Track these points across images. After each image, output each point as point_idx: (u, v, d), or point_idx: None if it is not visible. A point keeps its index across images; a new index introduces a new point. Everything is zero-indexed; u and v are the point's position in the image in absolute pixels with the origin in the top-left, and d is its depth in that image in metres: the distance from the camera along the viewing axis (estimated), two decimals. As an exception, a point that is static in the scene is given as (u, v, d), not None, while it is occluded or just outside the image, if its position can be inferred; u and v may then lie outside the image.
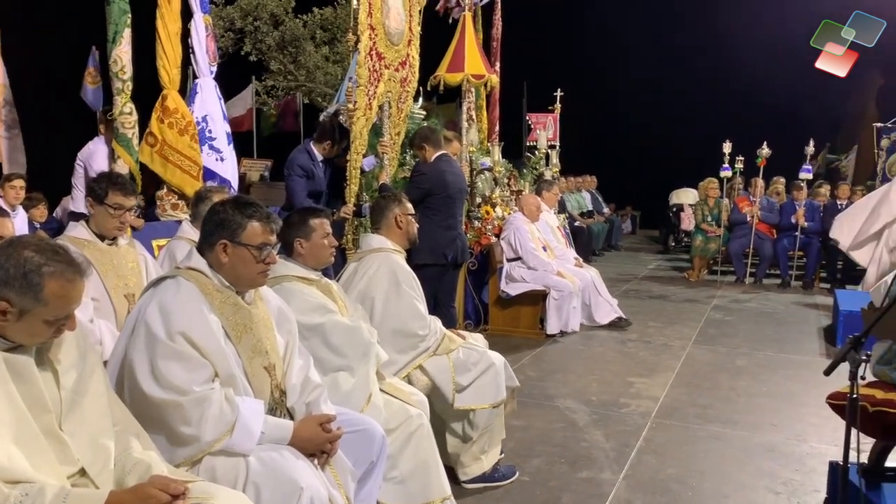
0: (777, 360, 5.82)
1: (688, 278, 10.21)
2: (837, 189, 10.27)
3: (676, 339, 6.53)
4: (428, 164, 5.10)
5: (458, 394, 3.36)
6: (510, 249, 6.60)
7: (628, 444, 3.99)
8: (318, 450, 2.32)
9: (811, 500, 3.35)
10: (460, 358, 3.43)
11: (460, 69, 6.19)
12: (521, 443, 3.98)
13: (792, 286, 9.64)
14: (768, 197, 10.35)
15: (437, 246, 5.00)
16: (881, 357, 3.14)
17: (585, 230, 11.50)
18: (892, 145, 10.87)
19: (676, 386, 5.10)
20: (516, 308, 6.50)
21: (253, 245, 2.31)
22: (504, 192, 7.47)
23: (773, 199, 10.39)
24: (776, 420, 4.41)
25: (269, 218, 2.38)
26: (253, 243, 2.31)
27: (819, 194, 10.25)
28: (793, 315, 7.80)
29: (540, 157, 9.05)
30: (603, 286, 7.15)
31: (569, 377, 5.31)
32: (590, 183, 14.12)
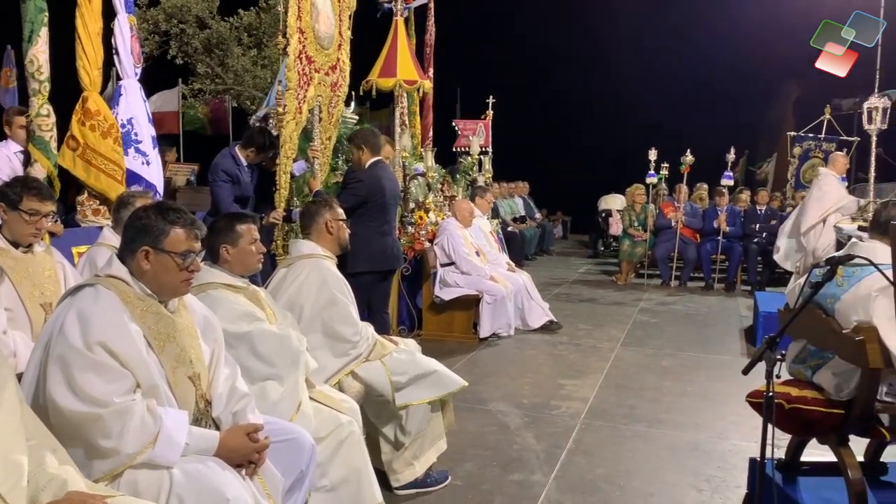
0: (700, 361, 6.02)
1: (616, 282, 10.45)
2: (757, 195, 10.70)
3: (605, 341, 6.67)
4: (364, 171, 5.07)
5: (398, 392, 3.35)
6: (443, 255, 6.63)
7: (559, 446, 4.06)
8: (245, 460, 2.27)
9: (733, 496, 3.47)
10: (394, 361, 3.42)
11: (392, 74, 6.19)
12: (453, 447, 3.98)
13: (715, 288, 9.99)
14: (692, 203, 10.72)
15: (373, 253, 4.97)
16: (796, 356, 3.27)
17: (518, 235, 11.65)
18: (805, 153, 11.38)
19: (605, 387, 5.21)
20: (450, 313, 6.53)
21: (176, 252, 2.25)
22: (437, 197, 7.50)
23: (697, 204, 10.76)
24: (699, 419, 4.55)
25: (193, 224, 2.32)
26: (176, 250, 2.25)
27: (740, 200, 10.67)
28: (715, 316, 8.08)
29: (473, 162, 9.13)
30: (535, 290, 7.25)
31: (501, 380, 5.36)
32: (522, 189, 14.31)
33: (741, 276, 10.16)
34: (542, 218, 15.13)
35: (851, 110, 11.22)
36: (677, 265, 10.37)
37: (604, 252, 14.22)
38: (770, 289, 9.02)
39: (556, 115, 18.68)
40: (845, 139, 10.95)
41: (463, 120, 11.33)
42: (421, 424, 3.46)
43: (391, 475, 3.44)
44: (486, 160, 9.45)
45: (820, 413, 2.98)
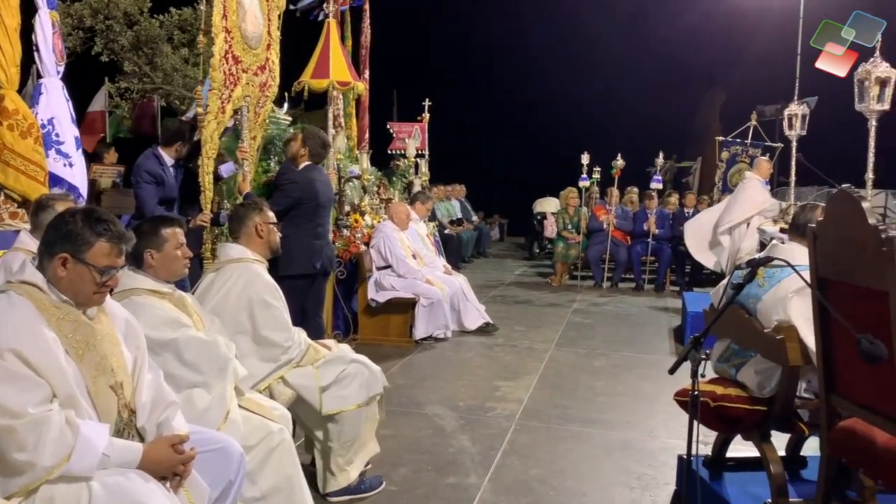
0: (631, 360, 6.15)
1: (551, 283, 10.60)
2: (685, 198, 11.03)
3: (540, 342, 6.75)
4: (297, 172, 4.99)
5: (325, 398, 3.31)
6: (380, 258, 6.60)
7: (494, 448, 4.08)
8: (170, 472, 2.20)
9: (662, 493, 3.55)
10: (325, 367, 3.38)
11: (325, 75, 6.11)
12: (388, 452, 3.96)
13: (645, 289, 10.23)
14: (623, 206, 10.95)
15: (305, 256, 4.90)
16: (721, 355, 3.37)
17: (455, 238, 11.69)
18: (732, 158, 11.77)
19: (540, 388, 5.27)
20: (386, 316, 6.50)
21: (96, 266, 2.16)
22: (373, 200, 7.46)
23: (628, 207, 11.01)
24: (631, 418, 4.64)
25: (121, 238, 2.23)
26: (97, 264, 2.16)
27: (669, 203, 10.97)
28: (646, 317, 8.28)
29: (409, 165, 9.11)
30: (471, 292, 7.28)
31: (437, 383, 5.36)
32: (459, 192, 14.38)
33: (670, 276, 10.44)
34: (479, 220, 15.23)
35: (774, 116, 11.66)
36: (609, 267, 10.59)
37: (539, 254, 14.40)
38: (698, 289, 9.29)
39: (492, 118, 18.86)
40: (770, 145, 11.37)
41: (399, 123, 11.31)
42: (354, 429, 3.42)
43: (324, 482, 3.39)
44: (423, 163, 9.45)
45: (743, 410, 3.08)
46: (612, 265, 10.61)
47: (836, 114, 8.62)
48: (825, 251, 2.49)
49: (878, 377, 2.22)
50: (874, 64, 5.49)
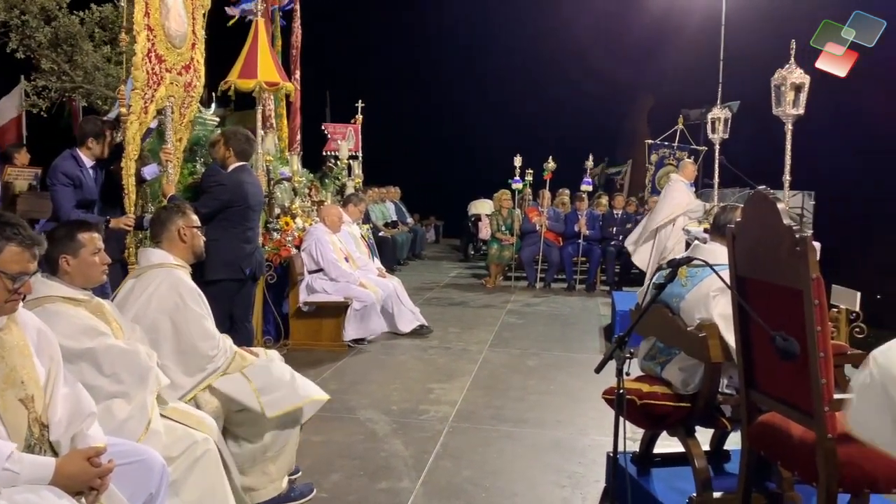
0: (563, 359, 6.23)
1: (485, 285, 10.67)
2: (614, 200, 11.27)
3: (474, 343, 6.78)
4: (226, 175, 4.88)
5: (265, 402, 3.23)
6: (311, 261, 6.50)
7: (426, 451, 4.06)
8: (85, 487, 2.11)
9: (592, 490, 3.60)
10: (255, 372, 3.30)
11: (253, 76, 5.99)
12: (319, 458, 3.91)
13: (576, 289, 10.40)
14: (555, 207, 11.12)
15: (234, 260, 4.79)
16: (646, 353, 3.44)
17: (390, 240, 11.63)
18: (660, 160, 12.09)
19: (473, 389, 5.28)
20: (318, 321, 6.41)
21: (6, 273, 2.06)
22: (305, 202, 7.35)
23: (559, 209, 11.18)
24: (562, 416, 4.70)
25: (32, 242, 2.12)
26: (7, 270, 2.06)
27: (599, 204, 11.19)
28: (577, 316, 8.41)
29: (342, 167, 9.02)
30: (405, 295, 7.25)
31: (371, 388, 5.31)
32: (394, 194, 14.32)
33: (600, 276, 10.64)
34: (414, 223, 15.21)
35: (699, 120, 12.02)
36: (542, 268, 10.72)
37: (474, 256, 14.48)
38: (627, 288, 9.50)
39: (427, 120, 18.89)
40: (695, 148, 11.72)
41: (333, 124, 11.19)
42: (285, 436, 3.35)
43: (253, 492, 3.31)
44: (356, 165, 9.37)
45: (669, 407, 3.15)
46: (544, 266, 10.75)
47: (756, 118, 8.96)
48: (743, 251, 2.57)
49: (793, 373, 2.30)
50: (789, 70, 5.71)
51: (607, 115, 18.46)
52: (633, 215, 10.99)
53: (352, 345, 6.41)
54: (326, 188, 8.06)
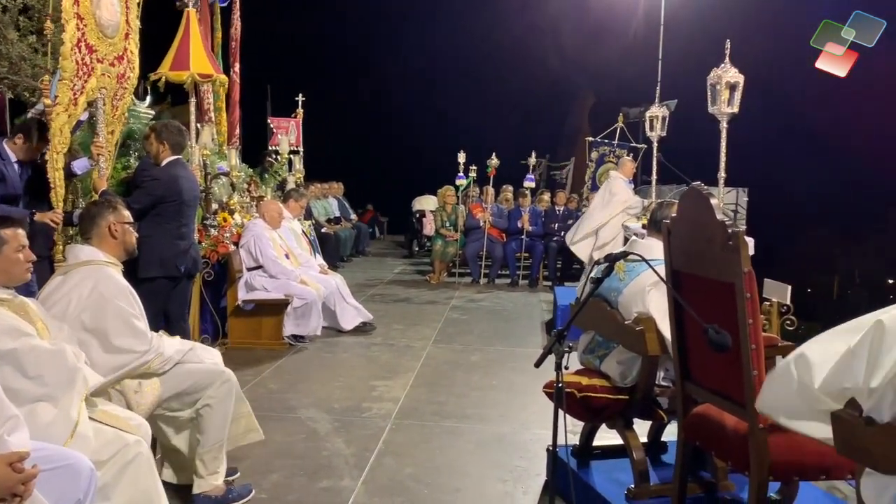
0: (506, 354, 6.27)
1: (429, 281, 10.66)
2: (556, 196, 11.40)
3: (418, 339, 6.75)
4: (160, 169, 4.73)
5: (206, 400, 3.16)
6: (250, 258, 6.37)
7: (368, 449, 4.02)
8: (8, 493, 2.02)
9: (534, 484, 3.62)
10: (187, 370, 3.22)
11: (185, 67, 5.82)
12: (258, 459, 3.83)
13: (520, 285, 10.49)
14: (498, 204, 11.18)
15: (167, 257, 4.66)
16: (586, 347, 3.48)
17: (332, 236, 11.51)
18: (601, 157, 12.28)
19: (416, 386, 5.26)
20: (257, 319, 6.28)
21: None
22: (244, 198, 7.20)
23: (503, 205, 11.24)
24: (504, 411, 4.72)
25: None
26: None
27: (541, 201, 11.30)
28: (520, 311, 8.48)
29: (283, 162, 8.87)
30: (348, 292, 7.17)
31: (312, 386, 5.24)
32: (337, 189, 14.17)
33: (543, 272, 10.75)
34: (358, 219, 15.09)
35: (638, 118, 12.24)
36: (486, 264, 10.78)
37: (419, 252, 14.45)
38: (569, 283, 9.62)
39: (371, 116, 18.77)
40: (634, 145, 11.93)
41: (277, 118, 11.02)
42: (219, 433, 3.27)
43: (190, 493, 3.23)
44: (297, 160, 9.23)
45: (607, 400, 3.19)
46: (488, 262, 10.80)
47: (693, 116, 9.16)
48: (678, 246, 2.62)
49: (726, 364, 2.35)
50: (724, 69, 5.85)
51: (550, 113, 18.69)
52: (574, 211, 11.13)
53: (292, 343, 6.31)
54: (266, 183, 7.93)
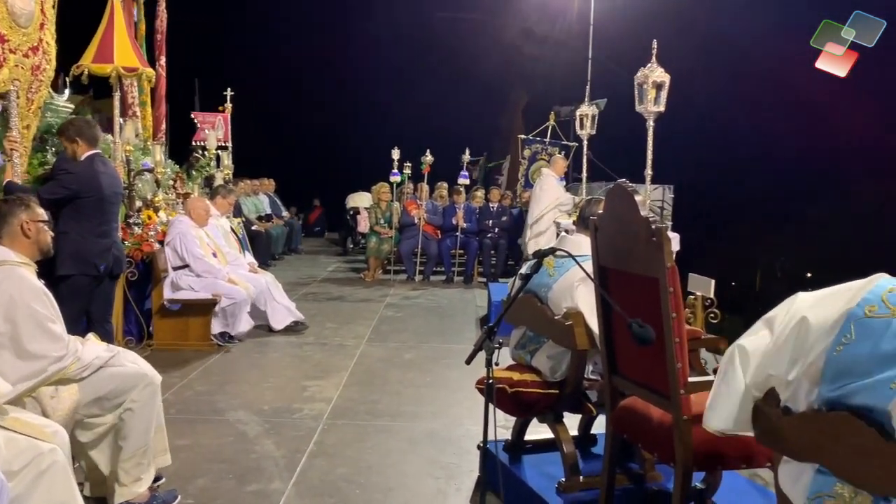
0: (440, 351, 6.27)
1: (364, 279, 10.57)
2: (490, 193, 11.47)
3: (351, 338, 6.69)
4: (77, 163, 4.53)
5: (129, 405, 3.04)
6: (176, 256, 6.18)
7: (299, 450, 3.96)
8: None
9: (467, 480, 3.62)
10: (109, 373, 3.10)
11: (109, 60, 5.60)
12: (185, 463, 3.71)
13: (455, 281, 10.52)
14: (433, 201, 11.18)
15: (86, 255, 4.48)
16: (517, 342, 3.51)
17: (263, 234, 11.29)
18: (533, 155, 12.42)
19: (349, 385, 5.20)
20: (184, 319, 6.10)
21: None
22: (169, 195, 6.99)
23: (438, 202, 11.25)
24: (438, 408, 4.72)
25: None
26: None
27: (476, 198, 11.34)
28: (454, 308, 8.50)
29: (210, 158, 8.65)
30: (279, 291, 7.04)
31: (241, 388, 5.12)
32: (268, 186, 13.90)
33: (478, 268, 10.81)
34: (290, 216, 14.85)
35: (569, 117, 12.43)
36: (421, 261, 10.76)
37: (353, 249, 14.32)
38: (503, 279, 9.69)
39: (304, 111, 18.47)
40: (566, 143, 12.11)
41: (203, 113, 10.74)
42: (142, 438, 3.16)
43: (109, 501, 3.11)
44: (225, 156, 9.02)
45: (538, 394, 3.22)
46: (423, 259, 10.79)
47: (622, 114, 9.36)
48: (605, 242, 2.65)
49: (651, 358, 2.39)
50: (651, 69, 5.99)
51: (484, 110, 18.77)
52: (507, 208, 11.23)
53: (221, 343, 6.16)
54: (193, 180, 7.70)
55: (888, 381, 1.52)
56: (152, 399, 3.22)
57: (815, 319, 1.71)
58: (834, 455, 1.64)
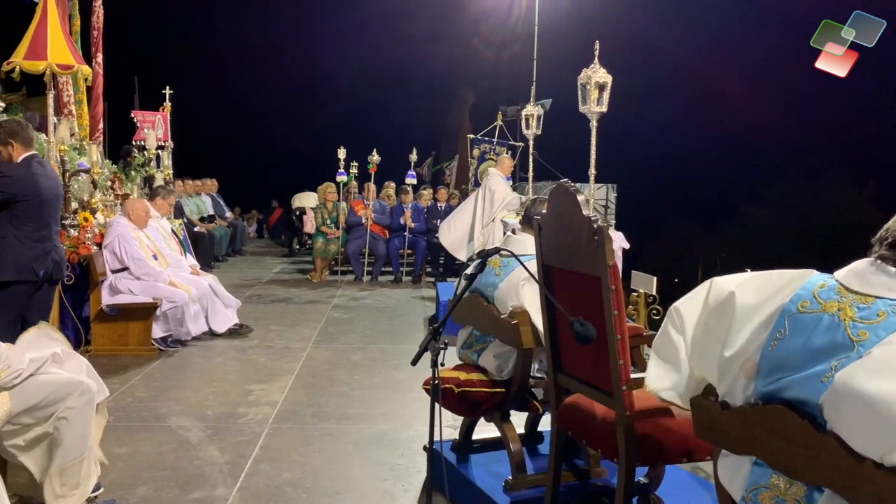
0: (389, 352, 6.23)
1: (311, 280, 10.46)
2: (438, 193, 11.48)
3: (297, 340, 6.60)
4: (14, 166, 4.36)
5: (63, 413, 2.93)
6: (114, 259, 6.00)
7: (244, 455, 3.88)
8: None
9: (414, 481, 3.60)
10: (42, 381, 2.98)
11: (42, 57, 5.40)
12: (124, 472, 3.61)
13: (403, 281, 10.49)
14: (380, 200, 11.12)
15: (25, 261, 4.32)
16: (464, 342, 3.51)
17: (206, 236, 11.06)
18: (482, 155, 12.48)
19: (295, 388, 5.13)
20: (124, 324, 5.93)
21: None
22: (107, 196, 6.79)
23: (385, 202, 11.20)
24: (386, 410, 4.69)
25: None
26: None
27: (423, 197, 11.34)
28: (403, 308, 8.47)
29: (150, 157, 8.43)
30: (223, 293, 6.90)
31: (184, 393, 5.00)
32: (210, 186, 13.62)
33: (426, 268, 10.80)
34: (234, 217, 14.60)
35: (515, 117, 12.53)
36: (369, 261, 10.70)
37: (300, 250, 14.16)
38: (451, 279, 9.70)
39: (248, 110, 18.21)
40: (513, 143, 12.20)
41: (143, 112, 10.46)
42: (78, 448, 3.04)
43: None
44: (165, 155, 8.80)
45: (485, 393, 3.23)
46: (371, 259, 10.73)
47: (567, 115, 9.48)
48: (548, 241, 2.67)
49: (594, 355, 2.42)
50: (594, 69, 6.07)
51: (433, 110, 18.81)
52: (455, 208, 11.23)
53: (163, 348, 6.01)
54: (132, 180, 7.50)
55: (819, 375, 1.57)
56: (87, 407, 3.11)
57: (742, 298, 1.76)
58: (769, 447, 1.68)
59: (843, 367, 1.53)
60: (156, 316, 5.95)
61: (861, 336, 1.55)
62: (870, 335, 1.54)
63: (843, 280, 1.69)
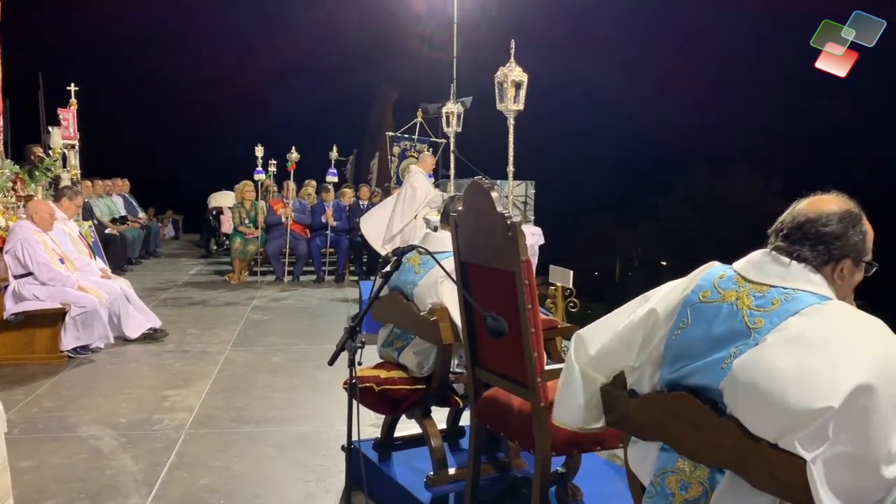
0: (311, 353, 6.16)
1: (229, 281, 10.22)
2: (360, 190, 11.40)
3: (215, 344, 6.44)
4: None
5: None
6: (17, 264, 5.71)
7: (159, 463, 3.77)
8: None
9: (336, 481, 3.58)
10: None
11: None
12: (31, 486, 3.44)
13: (326, 281, 10.37)
14: (301, 199, 10.96)
15: None
16: (385, 340, 3.51)
17: (118, 238, 10.65)
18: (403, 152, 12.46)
19: (213, 392, 5.01)
20: (29, 331, 5.65)
21: None
22: (8, 198, 6.45)
23: (305, 200, 11.05)
24: (308, 411, 4.63)
25: None
26: None
27: (345, 195, 11.25)
28: (325, 308, 8.38)
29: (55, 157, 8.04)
30: (135, 297, 6.67)
31: (95, 401, 4.80)
32: (122, 186, 13.14)
33: (349, 267, 10.72)
34: (149, 218, 14.11)
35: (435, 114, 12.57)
36: (290, 261, 10.53)
37: (217, 251, 13.80)
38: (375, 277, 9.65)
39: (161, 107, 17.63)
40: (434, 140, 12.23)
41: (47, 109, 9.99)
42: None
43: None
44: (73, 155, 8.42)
45: (406, 391, 3.23)
46: (292, 259, 10.56)
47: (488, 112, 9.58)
48: (465, 237, 2.70)
49: (510, 349, 2.46)
50: (510, 68, 6.16)
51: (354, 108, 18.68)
52: (377, 206, 11.19)
53: (72, 355, 5.76)
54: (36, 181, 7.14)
55: (720, 362, 1.65)
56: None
57: (663, 311, 1.83)
58: (675, 432, 1.75)
59: (741, 353, 1.61)
60: (65, 322, 5.69)
61: (757, 324, 1.64)
62: (765, 322, 1.63)
63: (740, 270, 1.77)
